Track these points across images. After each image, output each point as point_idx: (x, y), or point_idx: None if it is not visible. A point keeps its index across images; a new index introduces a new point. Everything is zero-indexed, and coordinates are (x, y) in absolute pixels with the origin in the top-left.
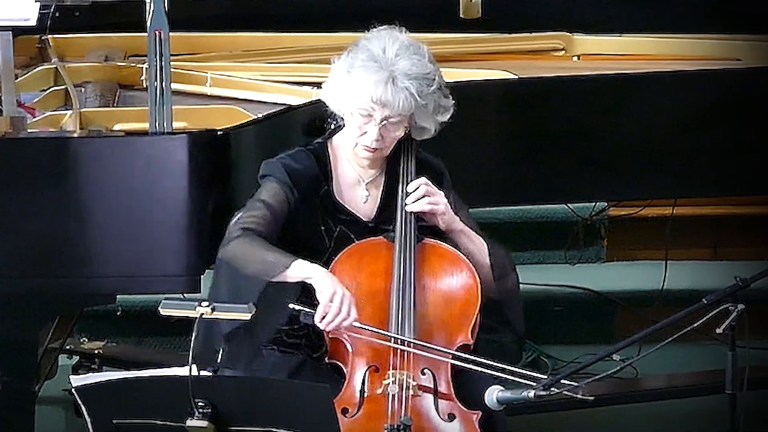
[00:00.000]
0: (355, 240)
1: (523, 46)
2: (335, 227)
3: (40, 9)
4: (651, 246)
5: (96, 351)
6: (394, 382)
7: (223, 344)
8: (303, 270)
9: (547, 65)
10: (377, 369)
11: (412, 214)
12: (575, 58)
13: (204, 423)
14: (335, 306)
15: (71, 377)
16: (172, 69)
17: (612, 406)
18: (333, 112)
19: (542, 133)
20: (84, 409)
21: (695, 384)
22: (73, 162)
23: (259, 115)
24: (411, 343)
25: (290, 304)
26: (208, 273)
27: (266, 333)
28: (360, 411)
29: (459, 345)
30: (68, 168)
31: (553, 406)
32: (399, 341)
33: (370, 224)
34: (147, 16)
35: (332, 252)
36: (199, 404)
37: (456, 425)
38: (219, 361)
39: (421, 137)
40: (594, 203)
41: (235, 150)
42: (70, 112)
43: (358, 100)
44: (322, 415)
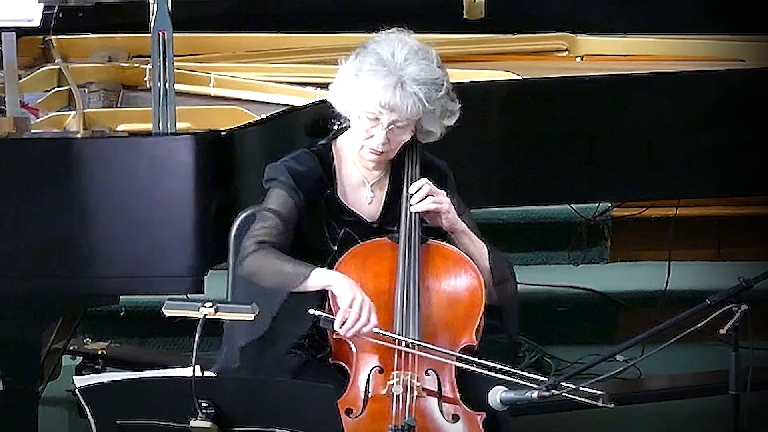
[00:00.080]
0: (360, 241)
1: (527, 47)
2: (339, 229)
3: (44, 9)
4: (654, 246)
5: (99, 351)
6: (399, 383)
7: (239, 361)
8: (323, 278)
9: (550, 66)
10: (381, 370)
11: (417, 215)
12: (578, 59)
13: (207, 423)
14: (355, 312)
15: (74, 378)
16: (176, 69)
17: (615, 407)
18: (336, 113)
19: (545, 134)
20: (87, 410)
21: (698, 384)
22: (77, 162)
23: (263, 116)
24: (428, 348)
25: (310, 310)
26: (212, 273)
27: (288, 344)
28: (364, 411)
29: (463, 346)
30: (72, 168)
31: (557, 407)
32: (416, 346)
33: (375, 225)
34: (150, 17)
35: (337, 254)
36: (203, 405)
37: (460, 426)
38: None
39: (427, 140)
40: (597, 204)
41: (239, 150)
42: (74, 113)
43: (366, 104)
44: (326, 416)
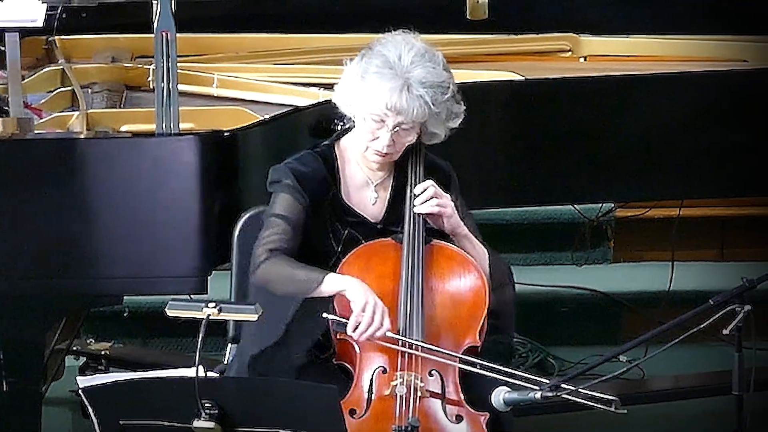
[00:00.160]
0: (364, 242)
1: (530, 48)
2: (343, 230)
3: (47, 10)
4: (657, 247)
5: (103, 352)
6: (402, 383)
7: (248, 371)
8: (336, 283)
9: (554, 66)
10: (385, 370)
11: (421, 216)
12: (582, 60)
13: (211, 424)
14: (368, 316)
15: (78, 378)
16: (179, 70)
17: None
18: (340, 114)
19: (549, 134)
20: (91, 410)
21: (702, 385)
22: (80, 163)
23: (266, 117)
24: (436, 351)
25: (324, 314)
26: (215, 274)
27: (302, 350)
28: (368, 412)
29: (467, 347)
30: (75, 169)
31: (560, 408)
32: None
33: (379, 226)
34: (154, 17)
35: (341, 254)
36: (206, 405)
37: (463, 427)
38: None
39: (431, 142)
40: (600, 204)
41: (242, 151)
42: (77, 114)
43: (372, 106)
44: (329, 416)
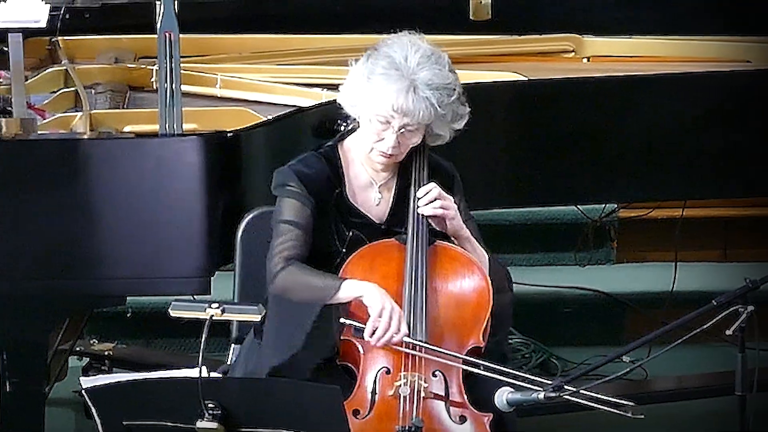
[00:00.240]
0: (368, 243)
1: (533, 48)
2: (348, 231)
3: (50, 10)
4: (661, 247)
5: (106, 352)
6: (406, 384)
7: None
8: (353, 289)
9: (557, 67)
10: (389, 371)
11: (424, 217)
12: (585, 60)
13: (214, 425)
14: (384, 321)
15: (81, 379)
16: (182, 71)
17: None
18: (343, 114)
19: (552, 135)
20: (94, 411)
21: (705, 385)
22: (83, 164)
23: (269, 117)
24: (448, 355)
25: (341, 319)
26: (218, 274)
27: (321, 357)
28: (371, 412)
29: (470, 348)
30: (78, 170)
31: (563, 408)
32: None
33: (383, 227)
34: (157, 18)
35: (345, 255)
36: (209, 406)
37: (467, 427)
38: None
39: (435, 143)
40: (604, 205)
41: (246, 151)
42: (81, 114)
43: (378, 108)
44: (332, 417)
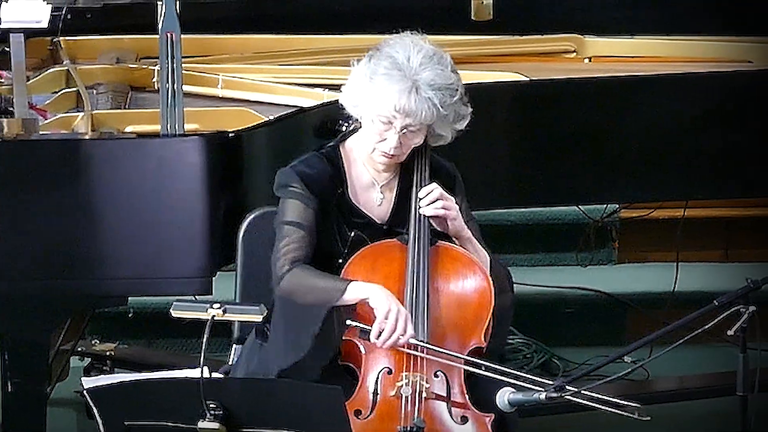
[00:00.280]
0: (370, 243)
1: (534, 48)
2: (350, 231)
3: (52, 11)
4: (662, 248)
5: (107, 353)
6: (407, 384)
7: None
8: (359, 291)
9: (558, 67)
10: (390, 371)
11: (426, 218)
12: (586, 60)
13: (215, 425)
14: (391, 323)
15: (83, 379)
16: (184, 71)
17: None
18: (345, 114)
19: (553, 135)
20: (96, 411)
21: (706, 386)
22: (85, 164)
23: (271, 117)
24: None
25: (347, 321)
26: (220, 275)
27: (327, 360)
28: (373, 413)
29: (472, 348)
30: (80, 170)
31: (564, 408)
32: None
33: (384, 227)
34: (158, 18)
35: (347, 256)
36: (211, 406)
37: (469, 427)
38: None
39: (437, 143)
40: (605, 205)
41: (247, 152)
42: (82, 114)
43: (380, 108)
44: (334, 417)
